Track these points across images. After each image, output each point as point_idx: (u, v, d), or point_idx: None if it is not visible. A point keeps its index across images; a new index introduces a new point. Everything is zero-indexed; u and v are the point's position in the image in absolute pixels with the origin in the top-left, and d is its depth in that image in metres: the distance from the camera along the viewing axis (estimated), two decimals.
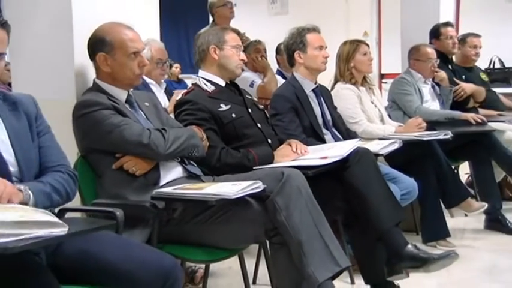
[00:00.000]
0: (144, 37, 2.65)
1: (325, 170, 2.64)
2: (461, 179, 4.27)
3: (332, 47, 3.57)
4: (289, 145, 2.85)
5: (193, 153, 2.47)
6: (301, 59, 3.35)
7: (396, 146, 3.24)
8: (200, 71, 2.91)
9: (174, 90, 4.08)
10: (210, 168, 2.62)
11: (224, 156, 2.67)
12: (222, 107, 2.78)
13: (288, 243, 2.28)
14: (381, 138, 3.48)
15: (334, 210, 2.79)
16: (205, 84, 2.84)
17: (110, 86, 2.44)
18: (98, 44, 2.41)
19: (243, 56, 2.93)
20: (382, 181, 2.80)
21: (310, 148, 2.90)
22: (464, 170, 4.79)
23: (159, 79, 3.74)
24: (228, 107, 2.79)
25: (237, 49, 2.88)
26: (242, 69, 2.97)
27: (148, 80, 3.57)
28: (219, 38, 2.86)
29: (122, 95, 2.46)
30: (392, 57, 6.88)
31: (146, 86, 3.48)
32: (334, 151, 2.79)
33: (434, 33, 4.79)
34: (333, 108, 3.48)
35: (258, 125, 2.88)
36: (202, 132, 2.57)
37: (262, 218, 2.30)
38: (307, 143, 2.99)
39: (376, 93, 3.97)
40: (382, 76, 8.44)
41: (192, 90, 2.85)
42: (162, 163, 2.41)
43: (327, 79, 3.75)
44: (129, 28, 2.46)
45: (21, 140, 1.88)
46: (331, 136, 3.33)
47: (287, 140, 2.92)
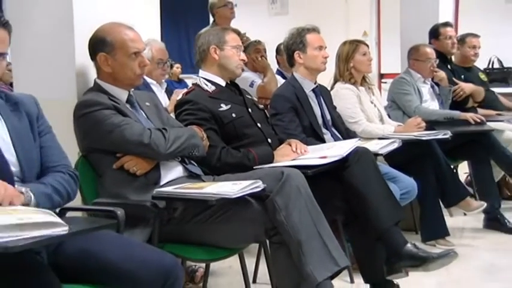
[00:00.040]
0: (144, 37, 2.66)
1: (325, 169, 2.64)
2: (461, 178, 4.28)
3: (332, 47, 3.57)
4: (289, 145, 2.86)
5: (193, 153, 2.47)
6: (301, 59, 3.36)
7: (395, 145, 3.24)
8: (200, 71, 2.92)
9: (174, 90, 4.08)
10: (211, 167, 2.63)
11: (224, 155, 2.68)
12: (222, 107, 2.79)
13: (288, 243, 2.29)
14: (380, 138, 3.48)
15: (334, 210, 2.80)
16: (205, 84, 2.85)
17: (111, 86, 2.44)
18: (99, 44, 2.42)
19: (243, 56, 2.94)
20: (381, 180, 2.81)
21: (309, 148, 2.91)
22: (463, 170, 4.81)
23: (160, 79, 3.74)
24: (228, 106, 2.80)
25: (237, 49, 2.89)
26: (242, 69, 2.98)
27: (149, 80, 3.57)
28: (220, 38, 2.87)
29: (122, 95, 2.47)
30: (391, 57, 6.89)
31: (147, 86, 3.47)
32: (333, 151, 2.80)
33: (434, 33, 4.80)
34: (332, 108, 3.49)
35: (258, 124, 2.89)
36: (203, 132, 2.58)
37: (262, 218, 2.31)
38: (307, 143, 2.99)
39: (375, 93, 3.98)
40: (382, 76, 8.43)
41: (192, 90, 2.85)
42: (162, 163, 2.41)
43: (326, 79, 3.76)
44: (130, 28, 2.46)
45: (22, 140, 1.89)
46: (331, 136, 3.34)
47: (287, 140, 2.92)
